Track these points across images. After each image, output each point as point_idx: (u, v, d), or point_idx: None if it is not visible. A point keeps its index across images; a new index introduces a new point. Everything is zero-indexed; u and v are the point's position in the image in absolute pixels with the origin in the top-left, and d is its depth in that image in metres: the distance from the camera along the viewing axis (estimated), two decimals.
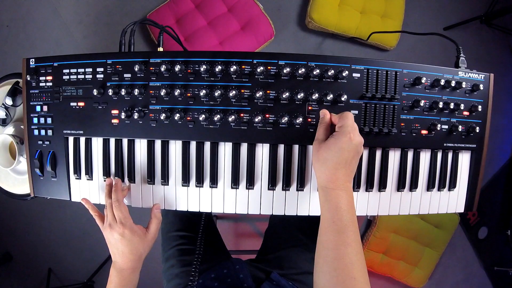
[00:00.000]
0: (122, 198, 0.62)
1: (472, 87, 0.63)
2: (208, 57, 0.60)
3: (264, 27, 1.44)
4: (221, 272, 0.66)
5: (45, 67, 0.65)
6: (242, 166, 0.63)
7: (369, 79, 0.61)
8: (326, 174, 0.52)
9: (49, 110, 0.65)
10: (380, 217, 1.50)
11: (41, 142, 0.66)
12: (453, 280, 1.76)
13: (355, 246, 0.47)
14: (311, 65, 0.60)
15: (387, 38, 1.57)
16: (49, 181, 0.67)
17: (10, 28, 1.61)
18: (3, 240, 1.70)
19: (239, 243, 1.65)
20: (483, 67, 1.69)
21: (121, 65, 0.62)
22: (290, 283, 0.66)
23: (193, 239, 0.78)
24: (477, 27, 1.69)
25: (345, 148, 0.51)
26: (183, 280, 0.70)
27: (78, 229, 1.66)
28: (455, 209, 0.68)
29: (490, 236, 1.72)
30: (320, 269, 0.48)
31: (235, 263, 0.69)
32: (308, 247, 0.77)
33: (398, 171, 0.65)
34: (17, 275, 1.72)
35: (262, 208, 0.64)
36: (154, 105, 0.61)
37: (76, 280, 1.66)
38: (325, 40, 1.66)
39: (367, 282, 0.46)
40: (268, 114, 0.60)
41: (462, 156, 0.67)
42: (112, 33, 1.60)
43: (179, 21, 1.44)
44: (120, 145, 0.65)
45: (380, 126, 0.62)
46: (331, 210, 0.50)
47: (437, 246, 1.60)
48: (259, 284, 0.64)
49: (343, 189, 0.51)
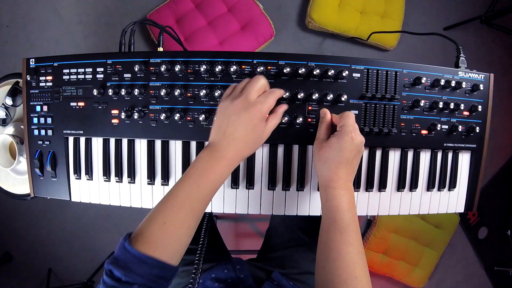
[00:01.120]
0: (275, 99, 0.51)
1: (472, 87, 0.63)
2: (208, 57, 0.60)
3: (264, 27, 1.44)
4: (222, 272, 0.66)
5: (45, 67, 0.65)
6: (242, 166, 0.63)
7: (369, 79, 0.61)
8: (328, 173, 0.52)
9: (49, 110, 0.65)
10: (380, 217, 1.50)
11: (41, 142, 0.66)
12: (453, 280, 1.76)
13: (356, 245, 0.47)
14: (311, 65, 0.60)
15: (387, 38, 1.57)
16: (49, 181, 0.67)
17: (10, 28, 1.61)
18: (3, 240, 1.70)
19: (239, 243, 1.65)
20: (483, 67, 1.70)
21: (121, 65, 0.62)
22: (292, 283, 0.66)
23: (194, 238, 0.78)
24: (477, 27, 1.70)
25: (347, 147, 0.51)
26: (184, 279, 0.69)
27: (78, 229, 1.66)
28: (455, 209, 0.68)
29: (490, 236, 1.72)
30: (322, 269, 0.48)
31: (236, 263, 0.69)
32: (310, 247, 0.77)
33: (398, 171, 0.65)
34: (17, 275, 1.72)
35: (262, 208, 0.64)
36: (154, 105, 0.61)
37: (76, 280, 1.66)
38: (325, 40, 1.66)
39: (369, 281, 0.46)
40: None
41: (462, 156, 0.67)
42: (112, 33, 1.61)
43: (179, 21, 1.45)
44: (120, 145, 0.65)
45: (380, 126, 0.62)
46: (332, 210, 0.50)
47: (437, 246, 1.59)
48: (260, 284, 0.64)
49: (344, 189, 0.51)
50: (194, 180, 0.48)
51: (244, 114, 0.48)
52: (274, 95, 0.51)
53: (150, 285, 0.43)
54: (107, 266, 0.43)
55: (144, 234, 0.45)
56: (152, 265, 0.43)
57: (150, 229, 0.45)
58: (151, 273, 0.43)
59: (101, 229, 1.63)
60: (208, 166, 0.48)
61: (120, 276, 0.41)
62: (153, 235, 0.45)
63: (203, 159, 0.49)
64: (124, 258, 0.43)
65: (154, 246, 0.44)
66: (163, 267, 0.44)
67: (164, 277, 0.45)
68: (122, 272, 0.41)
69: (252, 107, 0.48)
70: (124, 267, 0.42)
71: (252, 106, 0.48)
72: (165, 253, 0.44)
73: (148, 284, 0.42)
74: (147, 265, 0.42)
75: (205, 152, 0.50)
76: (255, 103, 0.48)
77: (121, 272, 0.41)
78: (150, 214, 0.47)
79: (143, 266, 0.42)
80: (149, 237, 0.44)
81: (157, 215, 0.46)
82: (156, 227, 0.45)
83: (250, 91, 0.49)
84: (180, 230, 0.46)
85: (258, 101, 0.49)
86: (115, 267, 0.42)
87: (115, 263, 0.42)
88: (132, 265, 0.42)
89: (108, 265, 0.43)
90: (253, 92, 0.49)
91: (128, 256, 0.43)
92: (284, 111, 0.55)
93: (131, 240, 0.44)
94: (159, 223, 0.45)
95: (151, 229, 0.45)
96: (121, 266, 0.42)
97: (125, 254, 0.43)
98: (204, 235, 0.70)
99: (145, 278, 0.42)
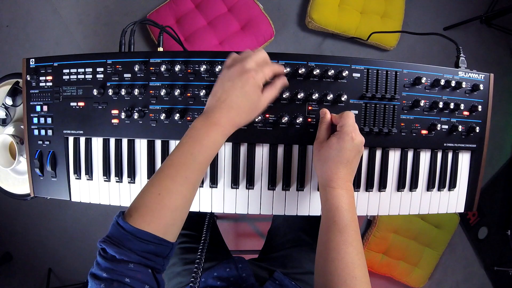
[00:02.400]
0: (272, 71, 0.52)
1: (472, 87, 0.63)
2: (208, 57, 0.60)
3: (264, 27, 1.44)
4: (224, 271, 0.66)
5: (45, 67, 0.65)
6: (242, 166, 0.63)
7: (369, 79, 0.61)
8: (328, 173, 0.52)
9: (49, 110, 0.65)
10: (380, 217, 1.50)
11: (41, 142, 0.66)
12: (453, 280, 1.76)
13: (356, 245, 0.47)
14: (311, 65, 0.60)
15: (387, 38, 1.57)
16: (49, 181, 0.67)
17: (10, 28, 1.61)
18: (3, 240, 1.70)
19: (239, 243, 1.65)
20: (483, 67, 1.70)
21: (121, 65, 0.62)
22: (293, 283, 0.66)
23: (195, 237, 0.78)
24: (477, 27, 1.69)
25: (347, 147, 0.51)
26: (185, 278, 0.69)
27: (78, 229, 1.66)
28: (455, 209, 0.68)
29: (490, 236, 1.72)
30: (321, 269, 0.48)
31: (238, 261, 0.69)
32: (312, 248, 0.76)
33: (398, 171, 0.65)
34: (17, 275, 1.72)
35: (262, 208, 0.64)
36: (154, 105, 0.61)
37: (76, 280, 1.66)
38: (325, 40, 1.66)
39: (368, 282, 0.46)
40: (268, 114, 0.60)
41: (462, 156, 0.67)
42: (112, 33, 1.61)
43: (179, 21, 1.44)
44: (120, 145, 0.65)
45: (380, 126, 0.62)
46: (332, 210, 0.50)
47: (437, 246, 1.60)
48: (262, 283, 0.64)
49: (344, 188, 0.51)
50: (187, 148, 0.47)
51: (237, 80, 0.48)
52: (272, 67, 0.51)
53: (146, 264, 0.41)
54: (100, 245, 0.41)
55: (138, 208, 0.43)
56: (148, 241, 0.41)
57: (144, 202, 0.43)
58: (147, 249, 0.41)
59: (101, 229, 1.63)
60: (202, 133, 0.47)
61: (114, 254, 0.40)
62: (147, 208, 0.43)
63: (196, 127, 0.48)
64: (118, 235, 0.41)
65: (149, 219, 0.42)
66: (159, 242, 0.42)
67: (161, 254, 0.43)
68: (116, 250, 0.39)
69: (246, 73, 0.48)
70: (118, 244, 0.40)
71: (246, 72, 0.48)
72: (161, 226, 0.43)
73: (144, 262, 0.41)
74: (142, 240, 0.41)
75: (199, 120, 0.49)
76: (249, 70, 0.48)
77: (115, 250, 0.39)
78: (143, 188, 0.45)
79: (138, 242, 0.41)
80: (143, 210, 0.42)
81: (151, 187, 0.45)
82: (150, 199, 0.43)
83: (249, 60, 0.49)
84: (175, 201, 0.45)
85: (253, 69, 0.49)
86: (108, 245, 0.40)
87: (109, 241, 0.41)
88: (126, 241, 0.40)
89: (101, 243, 0.41)
90: (251, 61, 0.49)
91: (122, 232, 0.41)
92: (283, 85, 0.54)
93: (125, 217, 0.42)
94: (154, 194, 0.44)
95: (145, 202, 0.43)
96: (115, 244, 0.40)
97: (119, 231, 0.41)
98: (206, 231, 0.70)
99: (140, 255, 0.40)
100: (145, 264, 0.41)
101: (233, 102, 0.48)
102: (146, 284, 0.40)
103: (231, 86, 0.48)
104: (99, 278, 0.39)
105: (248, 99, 0.49)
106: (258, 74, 0.49)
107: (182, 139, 0.48)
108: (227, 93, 0.48)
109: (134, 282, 0.39)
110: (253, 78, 0.48)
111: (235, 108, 0.49)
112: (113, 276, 0.39)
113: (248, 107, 0.50)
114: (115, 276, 0.39)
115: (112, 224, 0.43)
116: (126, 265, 0.40)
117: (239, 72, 0.48)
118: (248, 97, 0.49)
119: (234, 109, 0.49)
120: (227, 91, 0.49)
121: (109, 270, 0.39)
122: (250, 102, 0.50)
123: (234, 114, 0.49)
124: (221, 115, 0.48)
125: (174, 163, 0.46)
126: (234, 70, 0.49)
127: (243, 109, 0.50)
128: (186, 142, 0.47)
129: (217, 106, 0.49)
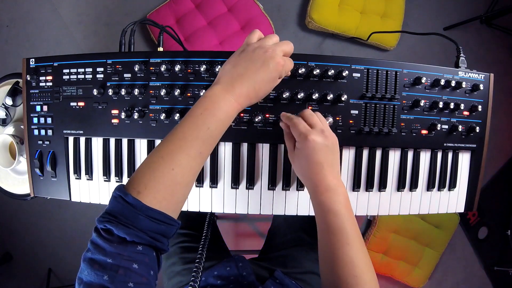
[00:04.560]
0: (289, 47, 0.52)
1: (472, 87, 0.63)
2: (208, 57, 0.60)
3: (264, 27, 1.44)
4: (224, 270, 0.66)
5: (45, 67, 0.65)
6: (242, 166, 0.63)
7: (369, 79, 0.61)
8: (310, 180, 0.51)
9: (49, 110, 0.65)
10: (380, 217, 1.50)
11: (41, 142, 0.66)
12: (453, 280, 1.76)
13: (353, 244, 0.46)
14: (311, 65, 0.60)
15: (387, 38, 1.57)
16: (49, 181, 0.67)
17: (10, 28, 1.61)
18: (3, 240, 1.70)
19: (239, 243, 1.65)
20: (483, 67, 1.70)
21: (121, 65, 0.62)
22: (294, 282, 0.66)
23: (195, 237, 0.78)
24: (477, 27, 1.70)
25: (310, 152, 0.50)
26: (185, 277, 0.69)
27: (78, 229, 1.66)
28: (455, 209, 0.68)
29: (490, 236, 1.72)
30: (323, 270, 0.48)
31: (238, 260, 0.69)
32: (312, 247, 0.76)
33: (398, 171, 0.65)
34: (17, 275, 1.71)
35: (262, 208, 0.64)
36: (154, 105, 0.61)
37: None
38: (325, 40, 1.66)
39: (371, 279, 0.45)
40: (268, 114, 0.60)
41: (462, 156, 0.67)
42: (112, 33, 1.61)
43: (179, 21, 1.44)
44: (120, 145, 0.65)
45: (380, 126, 0.62)
46: (323, 214, 0.49)
47: (437, 246, 1.59)
48: (262, 282, 0.64)
49: (330, 190, 0.49)
50: (203, 121, 0.44)
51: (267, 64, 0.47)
52: (288, 45, 0.51)
53: (156, 245, 0.39)
54: (104, 225, 0.37)
55: (147, 183, 0.39)
56: (160, 221, 0.38)
57: (155, 177, 0.40)
58: (158, 230, 0.38)
59: None
60: (220, 106, 0.45)
61: (125, 236, 0.36)
62: (159, 185, 0.39)
63: (210, 98, 0.45)
64: (127, 213, 0.37)
65: (161, 197, 0.39)
66: (170, 223, 0.40)
67: (168, 235, 0.40)
68: (126, 231, 0.36)
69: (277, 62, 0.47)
70: (128, 224, 0.36)
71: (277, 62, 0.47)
72: (171, 205, 0.40)
73: (154, 244, 0.38)
74: (154, 220, 0.38)
75: (215, 91, 0.46)
76: (280, 60, 0.48)
77: (126, 231, 0.36)
78: (150, 162, 0.42)
79: (149, 222, 0.37)
80: (155, 188, 0.39)
81: (161, 160, 0.41)
82: (162, 174, 0.40)
83: (279, 49, 0.49)
84: (187, 178, 0.42)
85: (282, 60, 0.49)
86: (117, 225, 0.36)
87: (115, 220, 0.36)
88: (138, 222, 0.37)
89: (105, 224, 0.36)
90: (280, 51, 0.49)
91: (132, 211, 0.37)
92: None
93: (132, 192, 0.39)
94: (166, 169, 0.40)
95: (157, 179, 0.39)
96: (124, 224, 0.36)
97: (128, 208, 0.37)
98: (207, 230, 0.70)
99: (151, 236, 0.37)
100: (154, 246, 0.39)
101: (257, 83, 0.47)
102: (151, 269, 0.38)
103: (260, 67, 0.47)
104: (102, 266, 0.35)
105: (270, 85, 0.49)
106: (284, 67, 0.49)
107: (195, 110, 0.45)
108: (254, 73, 0.47)
109: (141, 268, 0.36)
110: (281, 68, 0.48)
111: (257, 90, 0.48)
112: (120, 262, 0.35)
113: (264, 92, 0.50)
114: (122, 262, 0.35)
115: (115, 200, 0.39)
116: (135, 247, 0.36)
117: (271, 57, 0.47)
118: (271, 84, 0.49)
119: (255, 90, 0.48)
120: (254, 71, 0.47)
121: (116, 255, 0.35)
122: (269, 88, 0.50)
123: (253, 95, 0.48)
124: (241, 91, 0.47)
125: (187, 136, 0.43)
126: (266, 52, 0.47)
127: (261, 93, 0.49)
128: (201, 113, 0.44)
129: (238, 81, 0.47)
